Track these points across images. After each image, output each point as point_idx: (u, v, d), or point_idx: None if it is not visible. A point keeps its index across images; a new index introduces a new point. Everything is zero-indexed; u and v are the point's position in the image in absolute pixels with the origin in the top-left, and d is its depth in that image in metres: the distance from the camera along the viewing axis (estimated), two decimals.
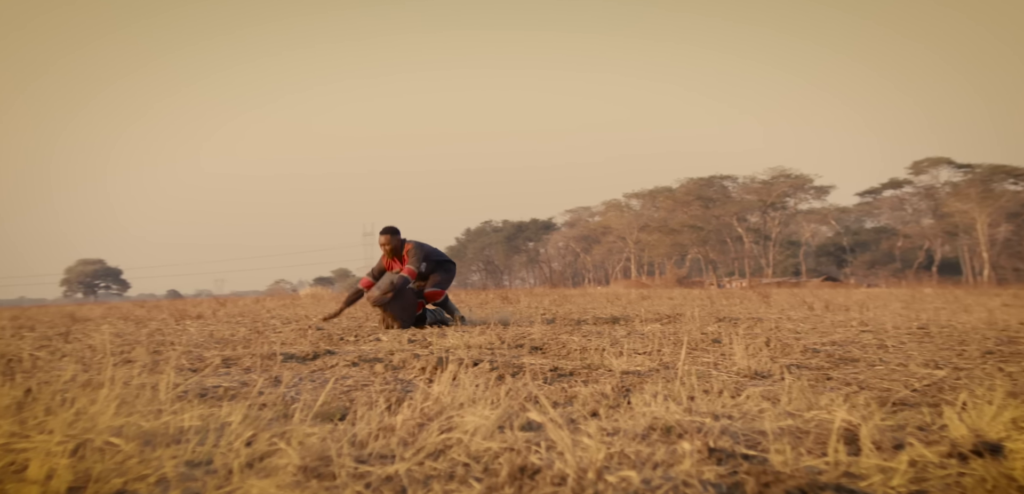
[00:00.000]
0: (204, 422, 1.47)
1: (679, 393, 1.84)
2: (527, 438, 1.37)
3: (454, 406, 1.65)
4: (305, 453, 1.23)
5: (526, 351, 3.10)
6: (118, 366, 2.44)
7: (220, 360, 2.72)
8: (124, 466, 1.15)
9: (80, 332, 4.64)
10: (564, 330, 4.23)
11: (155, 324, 5.53)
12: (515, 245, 61.00)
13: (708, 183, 47.82)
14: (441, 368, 2.41)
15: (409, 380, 2.28)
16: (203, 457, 1.24)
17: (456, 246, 64.48)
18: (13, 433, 1.27)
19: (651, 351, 2.99)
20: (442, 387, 1.79)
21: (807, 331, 4.11)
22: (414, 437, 1.39)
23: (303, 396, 1.93)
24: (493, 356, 2.84)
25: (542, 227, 60.92)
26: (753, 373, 2.37)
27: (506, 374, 2.31)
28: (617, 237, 53.54)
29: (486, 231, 62.62)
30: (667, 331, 4.08)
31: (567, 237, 60.08)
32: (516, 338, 3.64)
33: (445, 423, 1.47)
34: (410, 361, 2.64)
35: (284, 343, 3.47)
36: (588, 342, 3.39)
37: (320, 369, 2.55)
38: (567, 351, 3.07)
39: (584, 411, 1.68)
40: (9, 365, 2.68)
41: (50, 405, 1.51)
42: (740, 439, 1.39)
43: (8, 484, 1.07)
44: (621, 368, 2.45)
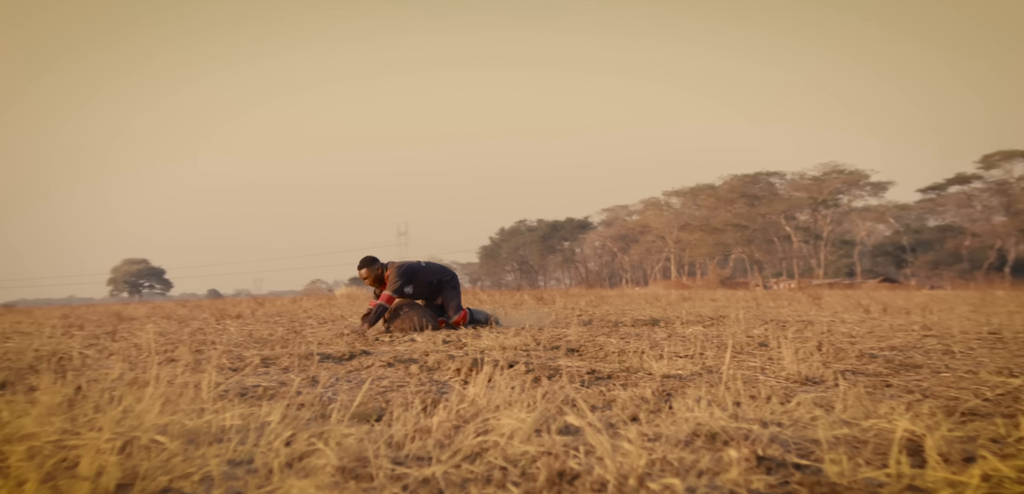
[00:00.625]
0: (245, 421, 1.53)
1: (724, 398, 1.79)
2: (565, 442, 1.36)
3: (490, 408, 1.66)
4: (343, 454, 1.26)
5: (562, 353, 3.08)
6: (162, 365, 2.57)
7: (259, 360, 2.83)
8: (169, 464, 1.20)
9: (126, 331, 4.91)
10: (601, 332, 4.19)
11: (197, 323, 5.80)
12: (550, 245, 60.80)
13: (753, 180, 46.33)
14: (476, 370, 2.42)
15: (444, 381, 2.30)
16: (244, 456, 1.29)
17: (490, 246, 64.76)
18: (65, 430, 1.35)
19: (693, 354, 2.92)
20: (477, 389, 1.80)
21: (863, 335, 3.92)
22: (450, 439, 1.40)
23: (340, 396, 1.98)
24: (529, 358, 2.84)
25: (578, 226, 60.48)
26: (804, 378, 2.28)
27: (542, 376, 2.30)
28: (656, 236, 52.60)
29: (520, 230, 62.65)
30: (710, 334, 3.98)
31: (604, 236, 59.47)
32: (552, 340, 3.62)
33: (481, 425, 1.47)
34: (445, 362, 2.67)
35: (321, 343, 3.58)
36: (626, 344, 3.34)
37: (356, 369, 2.61)
38: (605, 354, 3.03)
39: (623, 416, 1.66)
40: (60, 363, 2.86)
41: (99, 403, 1.60)
42: (791, 448, 1.34)
43: (61, 480, 1.13)
44: (661, 372, 2.41)
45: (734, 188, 46.32)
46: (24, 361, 2.92)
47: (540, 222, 61.73)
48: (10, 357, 3.09)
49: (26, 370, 2.62)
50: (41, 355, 3.12)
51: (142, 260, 60.87)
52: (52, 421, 1.41)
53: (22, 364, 2.83)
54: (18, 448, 1.23)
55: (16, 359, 3.00)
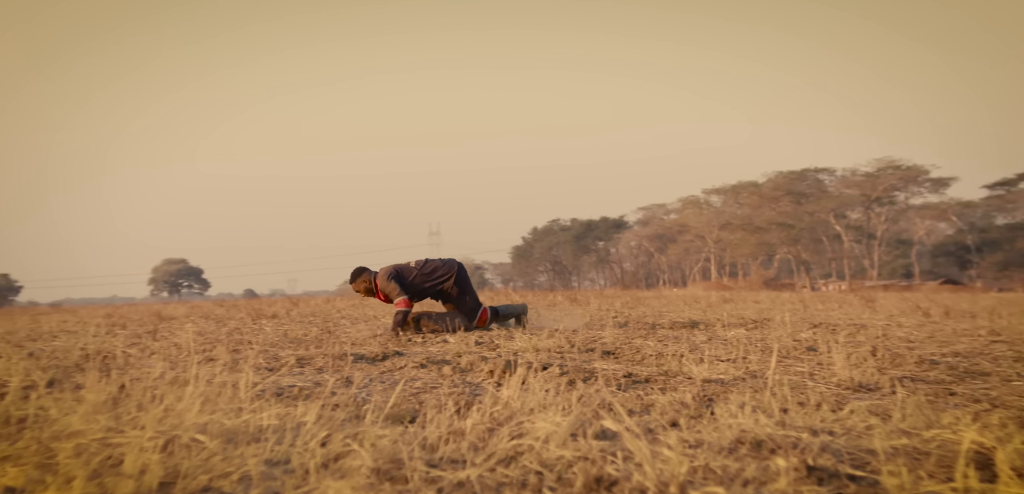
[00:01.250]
0: (281, 421, 1.58)
1: (770, 405, 1.74)
2: (602, 447, 1.35)
3: (524, 411, 1.67)
4: (377, 455, 1.29)
5: (598, 355, 3.06)
6: (201, 364, 2.68)
7: (294, 360, 2.91)
8: (209, 463, 1.25)
9: (166, 330, 5.14)
10: (638, 334, 4.14)
11: (234, 323, 6.02)
12: (584, 244, 60.39)
13: (800, 177, 44.77)
14: (509, 372, 2.43)
15: (477, 383, 2.32)
16: (281, 456, 1.33)
17: (522, 245, 64.82)
18: (110, 428, 1.42)
19: (735, 358, 2.85)
20: (511, 391, 1.81)
21: (923, 340, 3.74)
22: (484, 442, 1.41)
23: (374, 397, 2.02)
24: (563, 360, 2.83)
25: (613, 226, 59.85)
26: (857, 385, 2.19)
27: (577, 379, 2.29)
28: (695, 236, 51.52)
29: (553, 230, 62.46)
30: (753, 337, 3.87)
31: (640, 236, 58.66)
32: (587, 342, 3.60)
33: (515, 428, 1.48)
34: (478, 364, 2.69)
35: (354, 343, 3.66)
36: (665, 347, 3.29)
37: (389, 370, 2.66)
38: (642, 356, 3.00)
39: (662, 421, 1.63)
40: (105, 362, 3.01)
41: (142, 401, 1.68)
42: (844, 458, 1.29)
43: (106, 478, 1.18)
44: (702, 376, 2.36)
45: (779, 185, 44.88)
46: (70, 359, 3.09)
47: (574, 221, 61.38)
48: (57, 355, 3.28)
49: (73, 368, 2.77)
50: (87, 354, 3.30)
51: (181, 260, 63.58)
52: (98, 419, 1.49)
53: (69, 362, 2.99)
54: (66, 445, 1.30)
55: (63, 357, 3.18)
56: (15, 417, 1.62)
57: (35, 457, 1.26)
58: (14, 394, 1.90)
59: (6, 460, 1.23)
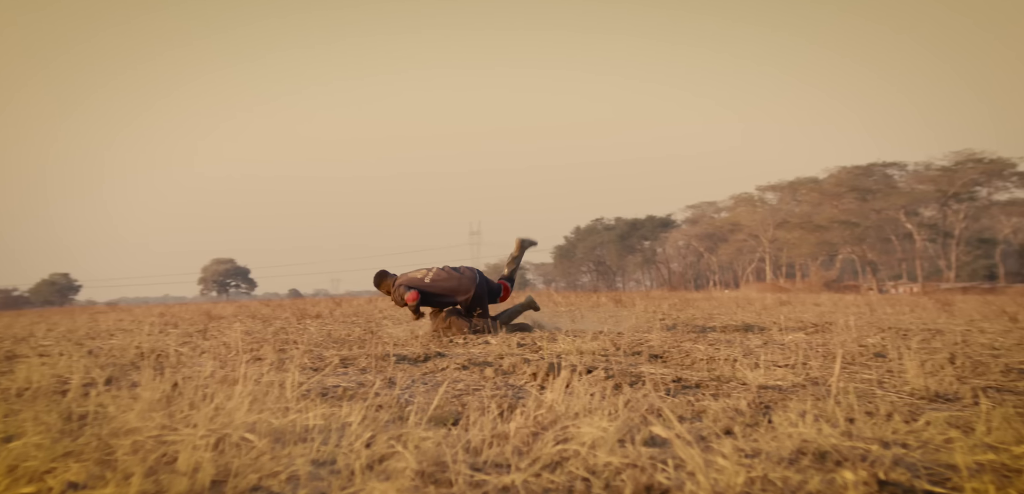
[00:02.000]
0: (327, 421, 1.63)
1: (834, 414, 1.67)
2: (651, 454, 1.33)
3: (569, 415, 1.66)
4: (421, 457, 1.31)
5: (644, 359, 3.01)
6: (249, 364, 2.79)
7: (338, 360, 3.00)
8: (258, 462, 1.31)
9: (215, 329, 5.40)
10: (687, 337, 4.04)
11: (279, 323, 6.26)
12: (629, 244, 59.53)
13: (866, 172, 42.55)
14: (553, 375, 2.42)
15: (520, 386, 2.33)
16: (327, 456, 1.37)
17: (565, 245, 64.52)
18: (164, 425, 1.51)
19: (794, 364, 2.74)
20: (555, 395, 1.81)
21: (1009, 347, 3.49)
22: (529, 446, 1.42)
23: (417, 399, 2.05)
24: (608, 363, 2.80)
25: (659, 224, 58.72)
26: (933, 395, 2.07)
27: (623, 383, 2.26)
28: (748, 235, 49.85)
29: (597, 229, 61.88)
30: (814, 341, 3.72)
31: (688, 235, 57.28)
32: (633, 345, 3.55)
33: (560, 433, 1.47)
34: (520, 366, 2.69)
35: (396, 344, 3.74)
36: (716, 351, 3.20)
37: (431, 371, 2.70)
38: (692, 360, 2.93)
39: (716, 428, 1.59)
40: (158, 360, 3.19)
41: (194, 399, 1.77)
42: (920, 472, 1.22)
43: (162, 475, 1.25)
44: (758, 382, 2.29)
45: (841, 181, 42.80)
46: (126, 358, 3.29)
47: (618, 220, 60.61)
48: (114, 354, 3.50)
49: (128, 366, 2.95)
50: (141, 352, 3.50)
51: (229, 260, 66.66)
52: (153, 416, 1.58)
53: (125, 360, 3.19)
54: (124, 442, 1.39)
55: (120, 356, 3.39)
56: (76, 413, 1.74)
57: (95, 453, 1.34)
58: (75, 391, 2.04)
59: (69, 456, 1.32)
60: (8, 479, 1.17)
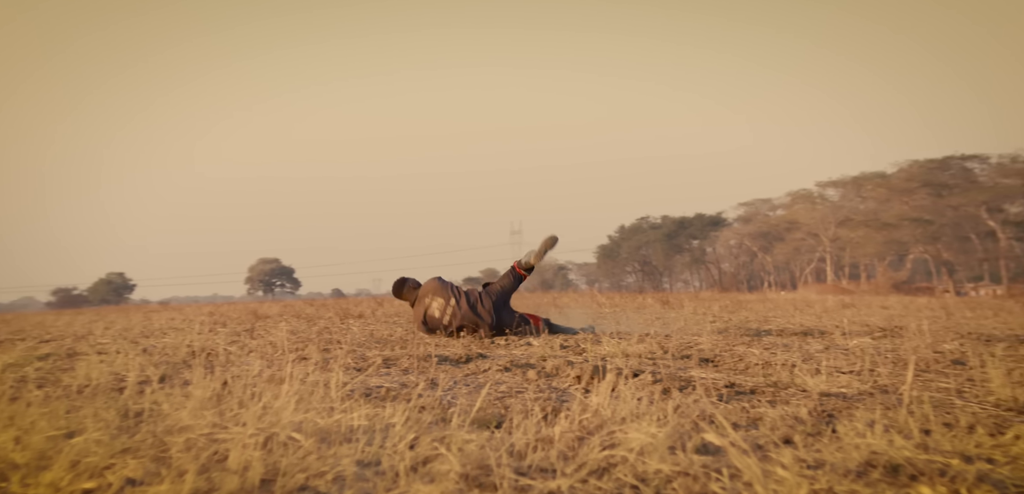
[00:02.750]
0: (371, 422, 1.67)
1: (907, 424, 1.58)
2: (704, 463, 1.29)
3: (615, 420, 1.64)
4: (465, 460, 1.32)
5: (694, 363, 2.94)
6: (295, 363, 2.89)
7: (381, 360, 3.07)
8: (305, 462, 1.35)
9: (262, 329, 5.62)
10: (740, 341, 3.92)
11: (323, 323, 6.46)
12: (676, 243, 58.30)
13: (942, 165, 40.04)
14: (598, 378, 2.40)
15: (564, 389, 2.32)
16: (372, 457, 1.40)
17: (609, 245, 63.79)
18: (215, 424, 1.58)
19: (860, 370, 2.62)
20: (600, 398, 1.79)
21: None
22: (574, 451, 1.41)
23: (459, 400, 2.08)
24: (655, 367, 2.75)
25: (709, 223, 57.24)
26: (1022, 407, 1.93)
27: (672, 388, 2.22)
28: (807, 233, 47.86)
29: (642, 228, 60.89)
30: (882, 347, 3.54)
31: (740, 234, 55.55)
32: (681, 348, 3.47)
33: (607, 438, 1.46)
34: (563, 369, 2.68)
35: (438, 345, 3.79)
36: (772, 356, 3.09)
37: (473, 373, 2.73)
38: (745, 365, 2.84)
39: (774, 437, 1.54)
40: (208, 358, 3.34)
41: (242, 398, 1.85)
42: (1009, 490, 1.14)
43: (214, 472, 1.30)
44: (819, 388, 2.19)
45: (913, 176, 40.45)
46: (178, 356, 3.46)
47: (665, 219, 59.47)
48: (167, 352, 3.69)
49: (181, 365, 3.11)
50: (193, 350, 3.68)
51: (274, 259, 69.27)
52: (204, 414, 1.66)
53: (177, 359, 3.35)
54: (177, 439, 1.46)
55: (172, 354, 3.57)
56: (133, 410, 1.84)
57: (151, 450, 1.42)
58: (131, 388, 2.17)
59: (127, 452, 1.40)
60: (71, 474, 1.25)
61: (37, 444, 1.40)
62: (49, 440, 1.45)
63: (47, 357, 3.48)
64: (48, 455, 1.36)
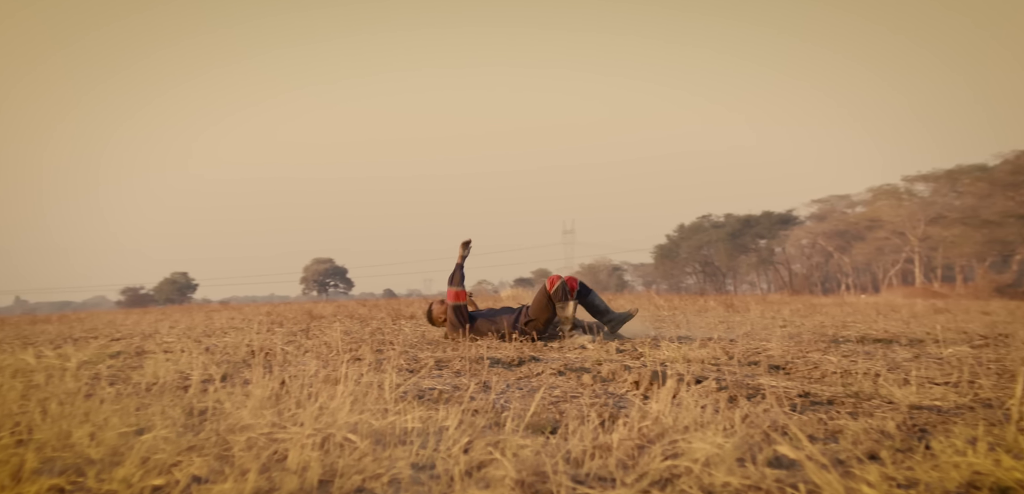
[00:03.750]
0: (424, 424, 1.70)
1: (1016, 443, 1.46)
2: (777, 477, 1.24)
3: (677, 429, 1.60)
4: (520, 466, 1.32)
5: (763, 370, 2.83)
6: (349, 364, 2.99)
7: (433, 362, 3.13)
8: (361, 464, 1.39)
9: (317, 329, 5.84)
10: (814, 347, 3.74)
11: (376, 323, 6.64)
12: (741, 243, 56.28)
13: None
14: (657, 383, 2.35)
15: (621, 395, 2.28)
16: (426, 461, 1.43)
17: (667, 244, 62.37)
18: (274, 423, 1.65)
19: (957, 381, 2.44)
20: (661, 405, 1.75)
21: None
22: (634, 460, 1.38)
23: (512, 404, 2.08)
24: (720, 373, 2.67)
25: (778, 221, 54.90)
26: None
27: (739, 396, 2.14)
28: (892, 232, 44.95)
29: (704, 227, 59.15)
30: (983, 356, 3.28)
31: (814, 233, 52.90)
32: (748, 353, 3.35)
33: (669, 448, 1.42)
34: (620, 373, 2.64)
35: (489, 347, 3.82)
36: (853, 364, 2.93)
37: (526, 376, 2.73)
38: (821, 373, 2.70)
39: (857, 451, 1.45)
40: (267, 358, 3.50)
41: (300, 398, 1.92)
42: None
43: (274, 472, 1.35)
44: (908, 401, 2.06)
45: (1020, 168, 37.27)
46: (238, 355, 3.64)
47: (729, 217, 57.53)
48: (228, 351, 3.89)
49: (241, 364, 3.27)
50: (252, 350, 3.87)
51: (328, 259, 71.86)
52: (264, 414, 1.73)
53: (237, 358, 3.53)
54: (239, 438, 1.54)
55: (232, 353, 3.76)
56: (197, 408, 1.96)
57: (215, 449, 1.50)
58: (195, 387, 2.30)
59: (192, 450, 1.49)
60: (141, 470, 1.33)
61: (110, 440, 1.51)
62: (121, 436, 1.56)
63: (118, 355, 3.75)
64: (120, 451, 1.46)
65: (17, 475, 1.29)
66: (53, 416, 1.73)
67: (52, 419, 1.70)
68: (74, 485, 1.28)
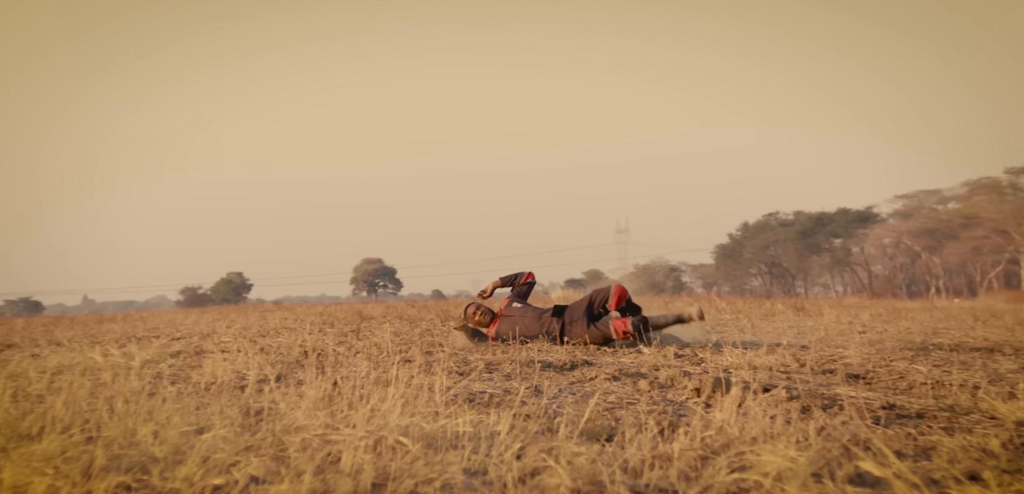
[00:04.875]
0: (475, 429, 1.71)
1: None
2: None
3: (744, 440, 1.54)
4: (575, 474, 1.31)
5: (840, 379, 2.69)
6: (400, 366, 3.05)
7: (483, 365, 3.15)
8: (413, 468, 1.41)
9: (367, 330, 6.00)
10: (900, 355, 3.53)
11: (425, 324, 6.76)
12: (813, 242, 53.86)
13: None
14: (721, 391, 2.28)
15: (681, 402, 2.22)
16: (478, 466, 1.43)
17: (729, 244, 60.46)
18: (327, 425, 1.69)
19: None
20: (725, 415, 1.70)
21: None
22: (697, 472, 1.34)
23: (565, 410, 2.07)
24: (790, 381, 2.56)
25: (855, 219, 52.19)
26: None
27: (813, 406, 2.04)
28: (991, 230, 41.83)
29: (771, 225, 56.99)
30: None
31: (898, 231, 49.95)
32: (823, 361, 3.20)
33: (735, 460, 1.37)
34: (679, 379, 2.58)
35: (539, 350, 3.81)
36: (946, 374, 2.75)
37: (579, 381, 2.71)
38: (908, 384, 2.55)
39: (953, 471, 1.35)
40: (319, 359, 3.62)
41: (352, 399, 1.97)
42: None
43: (328, 474, 1.39)
44: (1015, 417, 1.91)
45: None
46: (292, 356, 3.78)
47: (798, 215, 55.20)
48: (281, 352, 4.04)
49: (294, 364, 3.39)
50: (305, 350, 4.01)
51: (377, 260, 73.79)
52: (317, 415, 1.79)
53: (290, 358, 3.67)
54: (294, 439, 1.59)
55: (286, 353, 3.91)
56: (253, 408, 2.04)
57: (271, 449, 1.55)
58: (252, 387, 2.40)
59: (249, 450, 1.55)
60: (202, 469, 1.40)
61: (172, 439, 1.60)
62: (182, 435, 1.65)
63: (178, 354, 3.96)
64: (182, 450, 1.54)
65: (87, 472, 1.38)
66: (119, 414, 1.85)
67: (118, 417, 1.81)
68: (139, 483, 1.36)
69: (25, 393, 2.39)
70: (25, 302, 68.03)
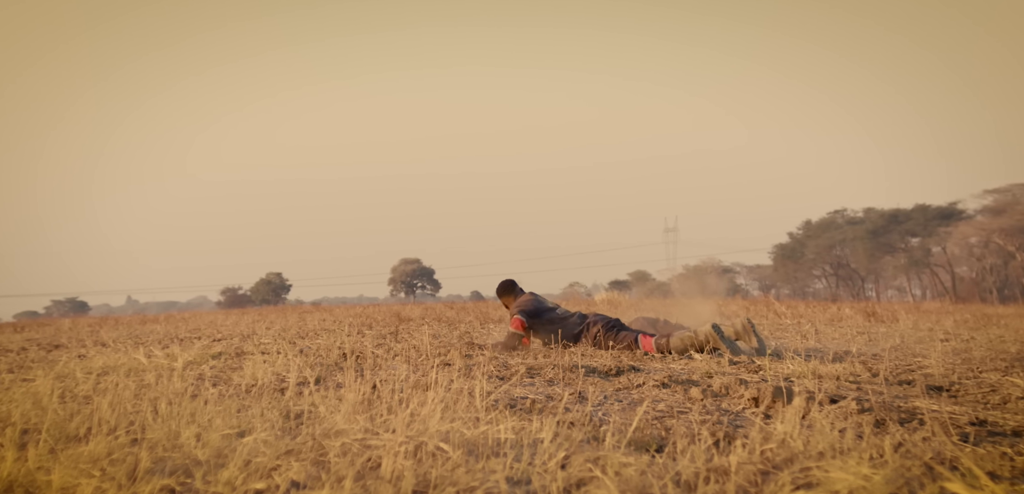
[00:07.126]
0: (517, 436, 1.71)
1: None
2: None
3: (810, 455, 1.49)
4: (624, 486, 1.29)
5: (919, 391, 2.57)
6: (439, 369, 3.08)
7: (524, 369, 3.15)
8: (454, 475, 1.41)
9: (405, 332, 6.09)
10: (991, 366, 3.35)
11: (463, 327, 6.82)
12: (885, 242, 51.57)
13: None
14: (782, 401, 2.21)
15: (737, 412, 2.17)
16: (521, 475, 1.43)
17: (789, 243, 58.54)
18: (367, 429, 1.72)
19: None
20: (787, 427, 1.65)
21: None
22: (757, 487, 1.30)
23: (612, 417, 2.04)
24: (861, 392, 2.46)
25: (936, 216, 49.65)
26: None
27: (888, 420, 1.96)
28: None
29: (836, 223, 54.88)
30: None
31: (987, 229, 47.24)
32: (899, 370, 3.06)
33: (800, 476, 1.33)
34: (735, 388, 2.52)
35: (583, 354, 3.78)
36: None
37: (625, 387, 2.67)
38: (1001, 398, 2.41)
39: None
40: (358, 361, 3.69)
41: (391, 403, 2.00)
42: None
43: (368, 480, 1.41)
44: None
45: None
46: (331, 358, 3.87)
47: (868, 212, 52.98)
48: (321, 354, 4.14)
49: (333, 367, 3.47)
50: (343, 353, 4.10)
51: (415, 260, 74.89)
52: (357, 419, 1.82)
53: (329, 360, 3.76)
54: (334, 443, 1.62)
55: (325, 356, 4.00)
56: (293, 412, 2.10)
57: (311, 454, 1.59)
58: (292, 390, 2.47)
59: (290, 454, 1.59)
60: (244, 473, 1.44)
61: (215, 441, 1.66)
62: (224, 438, 1.71)
63: (219, 356, 4.12)
64: (224, 453, 1.60)
65: (133, 475, 1.45)
66: (163, 416, 1.93)
67: (162, 419, 1.89)
68: (183, 486, 1.41)
69: (72, 394, 2.53)
70: (72, 302, 72.14)
